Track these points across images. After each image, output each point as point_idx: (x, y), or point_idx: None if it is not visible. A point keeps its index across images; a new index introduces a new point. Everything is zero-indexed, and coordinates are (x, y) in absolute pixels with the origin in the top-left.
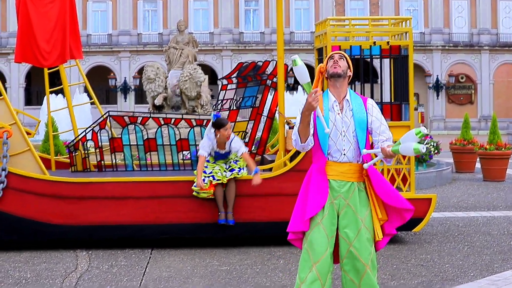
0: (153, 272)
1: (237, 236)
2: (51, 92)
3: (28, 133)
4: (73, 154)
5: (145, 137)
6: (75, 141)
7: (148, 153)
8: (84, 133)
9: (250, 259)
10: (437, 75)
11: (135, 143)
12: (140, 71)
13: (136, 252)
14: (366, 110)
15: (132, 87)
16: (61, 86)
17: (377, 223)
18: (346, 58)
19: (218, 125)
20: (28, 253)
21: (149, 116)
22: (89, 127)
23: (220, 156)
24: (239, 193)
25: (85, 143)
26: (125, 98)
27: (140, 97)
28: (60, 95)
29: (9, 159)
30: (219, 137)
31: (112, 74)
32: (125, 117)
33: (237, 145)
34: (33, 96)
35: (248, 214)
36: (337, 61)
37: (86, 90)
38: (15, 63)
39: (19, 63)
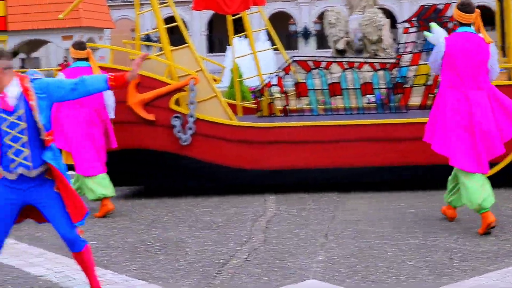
0: (341, 216)
1: (422, 178)
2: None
3: (214, 80)
4: (259, 100)
5: (329, 81)
6: (260, 86)
7: (333, 97)
8: (269, 79)
9: (435, 202)
10: None
11: (320, 88)
12: (320, 16)
13: (324, 195)
14: None
15: (313, 32)
16: (245, 33)
17: None
18: None
19: None
20: (217, 197)
21: (333, 60)
22: (274, 72)
23: None
24: None
25: (270, 88)
26: (306, 43)
27: (321, 42)
28: (243, 42)
29: (196, 105)
30: None
31: (292, 20)
32: (309, 62)
33: None
34: (215, 44)
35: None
36: None
37: (268, 37)
38: (194, 10)
39: (199, 10)
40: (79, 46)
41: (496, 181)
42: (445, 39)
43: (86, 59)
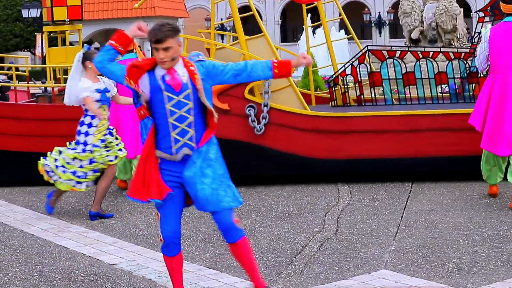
0: (414, 205)
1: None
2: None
3: None
4: (333, 89)
5: (404, 70)
6: (334, 76)
7: (407, 86)
8: (343, 68)
9: (509, 192)
10: None
11: (394, 77)
12: (394, 6)
13: (397, 185)
14: None
15: (387, 22)
16: (319, 22)
17: None
18: None
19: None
20: (290, 187)
21: (407, 49)
22: (349, 61)
23: None
24: None
25: (344, 77)
26: (380, 33)
27: (395, 32)
28: (317, 31)
29: (271, 95)
30: None
31: (366, 9)
32: (383, 51)
33: None
34: (288, 33)
35: None
36: None
37: (342, 26)
38: (271, 0)
39: (275, 0)
40: None
41: None
42: (490, 29)
43: (132, 51)
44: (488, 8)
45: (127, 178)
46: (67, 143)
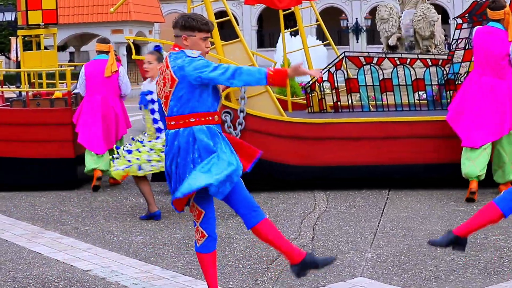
0: (390, 213)
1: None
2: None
3: None
4: (310, 95)
5: (381, 77)
6: (311, 82)
7: (384, 93)
8: (320, 74)
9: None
10: None
11: (371, 84)
12: (372, 12)
13: (373, 192)
14: None
15: (364, 28)
16: (296, 28)
17: None
18: None
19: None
20: (266, 194)
21: (384, 56)
22: (326, 67)
23: None
24: None
25: (321, 84)
26: (357, 39)
27: (372, 38)
28: (293, 37)
29: (247, 100)
30: None
31: (343, 15)
32: (360, 58)
33: None
34: (265, 38)
35: None
36: None
37: (318, 32)
38: (246, 5)
39: (251, 5)
40: (103, 40)
41: None
42: (476, 29)
43: (107, 53)
44: (466, 15)
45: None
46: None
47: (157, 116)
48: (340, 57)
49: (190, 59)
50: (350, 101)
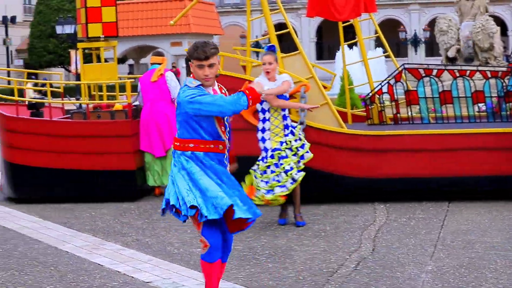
0: (450, 225)
1: None
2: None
3: (324, 87)
4: (369, 107)
5: (441, 89)
6: (371, 94)
7: (444, 105)
8: (380, 86)
9: None
10: None
11: (431, 96)
12: (430, 24)
13: (433, 205)
14: None
15: (422, 40)
16: (355, 40)
17: None
18: None
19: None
20: (326, 205)
21: (444, 68)
22: (385, 80)
23: None
24: None
25: (381, 96)
26: (416, 50)
27: (430, 50)
28: (353, 49)
29: (307, 112)
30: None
31: (401, 27)
32: (420, 70)
33: None
34: (324, 50)
35: None
36: None
37: (377, 44)
38: (307, 17)
39: (311, 17)
40: (157, 53)
41: None
42: None
43: (160, 64)
44: None
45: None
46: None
47: (287, 112)
48: (400, 69)
49: (186, 87)
50: (409, 113)
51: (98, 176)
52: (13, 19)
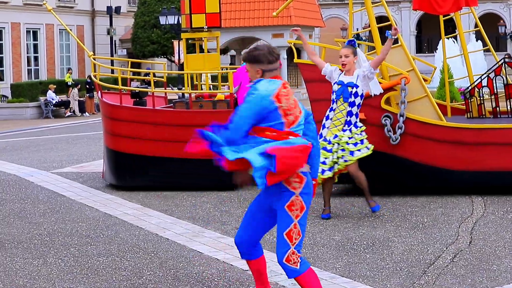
0: None
1: None
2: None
3: (424, 80)
4: (469, 101)
5: None
6: (470, 87)
7: None
8: (479, 80)
9: None
10: None
11: None
12: None
13: None
14: None
15: None
16: (456, 34)
17: None
18: None
19: None
20: (424, 197)
21: None
22: (485, 73)
23: None
24: None
25: (480, 89)
26: None
27: None
28: (452, 42)
29: (407, 105)
30: None
31: (501, 21)
32: None
33: None
34: (423, 44)
35: None
36: None
37: (478, 37)
38: (408, 10)
39: (415, 10)
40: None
41: None
42: None
43: None
44: None
45: None
46: None
47: (354, 110)
48: (500, 62)
49: None
50: (509, 107)
51: (199, 165)
52: (117, 10)
